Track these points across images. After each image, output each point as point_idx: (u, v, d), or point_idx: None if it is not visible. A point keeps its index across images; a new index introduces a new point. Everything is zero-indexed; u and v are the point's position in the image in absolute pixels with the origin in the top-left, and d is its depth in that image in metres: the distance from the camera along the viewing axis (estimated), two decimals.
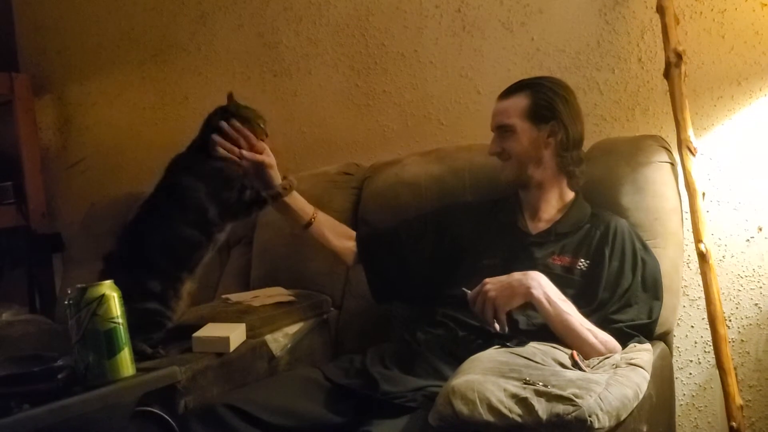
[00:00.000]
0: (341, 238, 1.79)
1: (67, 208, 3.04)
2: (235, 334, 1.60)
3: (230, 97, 1.66)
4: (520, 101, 1.62)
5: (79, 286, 1.17)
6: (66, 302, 1.17)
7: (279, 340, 1.74)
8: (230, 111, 1.61)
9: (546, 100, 1.60)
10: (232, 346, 1.57)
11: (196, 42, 2.69)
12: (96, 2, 2.92)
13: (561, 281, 1.48)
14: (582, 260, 1.56)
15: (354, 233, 1.83)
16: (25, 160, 2.93)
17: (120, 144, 2.92)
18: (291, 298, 1.89)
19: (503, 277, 1.45)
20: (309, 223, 1.72)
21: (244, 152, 1.58)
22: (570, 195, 1.66)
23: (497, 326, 1.43)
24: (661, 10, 1.82)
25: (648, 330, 1.51)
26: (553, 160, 1.62)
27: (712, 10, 1.89)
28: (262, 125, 1.62)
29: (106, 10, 2.90)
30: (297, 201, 1.71)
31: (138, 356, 1.26)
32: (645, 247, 1.59)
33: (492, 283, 1.44)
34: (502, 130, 1.64)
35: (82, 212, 2.70)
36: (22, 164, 2.92)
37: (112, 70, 2.91)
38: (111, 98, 2.92)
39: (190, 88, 2.73)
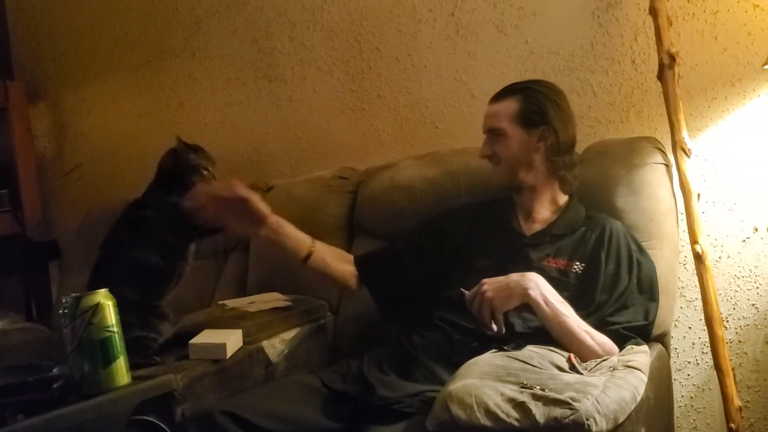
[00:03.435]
0: (341, 262, 1.76)
1: (63, 215, 3.03)
2: (232, 340, 1.59)
3: (179, 139, 1.68)
4: (511, 105, 1.62)
5: (73, 294, 1.17)
6: (61, 311, 1.16)
7: (276, 345, 1.73)
8: (179, 152, 1.65)
9: (536, 105, 1.60)
10: (229, 353, 1.57)
11: (190, 48, 2.69)
12: (90, 9, 2.92)
13: (556, 284, 1.47)
14: (577, 263, 1.56)
15: (350, 256, 1.80)
16: (20, 168, 2.91)
17: (115, 151, 2.91)
18: (287, 303, 1.88)
19: (501, 278, 1.45)
20: (309, 254, 1.68)
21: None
22: (563, 198, 1.66)
23: (494, 327, 1.43)
24: (654, 12, 1.83)
25: (645, 331, 1.51)
26: (543, 164, 1.62)
27: (704, 11, 1.89)
28: (210, 169, 1.65)
29: (101, 16, 2.89)
30: (292, 231, 1.67)
31: (133, 365, 1.26)
32: (640, 249, 1.59)
33: (489, 284, 1.44)
34: (493, 134, 1.65)
35: (78, 219, 2.68)
36: (18, 172, 2.90)
37: (107, 76, 2.91)
38: (106, 105, 2.92)
39: (185, 94, 2.72)
